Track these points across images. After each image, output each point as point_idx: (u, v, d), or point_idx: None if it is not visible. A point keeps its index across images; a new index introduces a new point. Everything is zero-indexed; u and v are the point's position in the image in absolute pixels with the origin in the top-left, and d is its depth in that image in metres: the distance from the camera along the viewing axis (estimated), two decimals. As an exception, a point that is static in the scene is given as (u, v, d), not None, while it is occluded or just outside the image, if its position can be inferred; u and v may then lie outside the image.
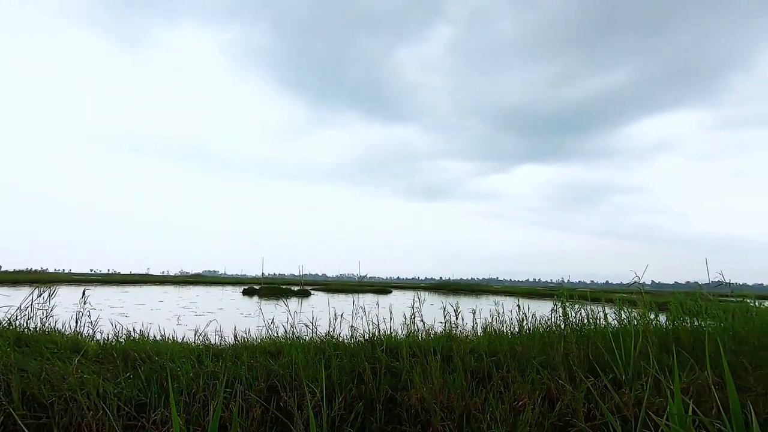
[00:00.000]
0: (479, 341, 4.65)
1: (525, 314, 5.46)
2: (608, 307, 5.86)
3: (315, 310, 5.86)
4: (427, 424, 2.89)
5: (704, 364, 3.77)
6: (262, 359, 3.87)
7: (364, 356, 3.93)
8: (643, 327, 4.83)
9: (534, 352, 3.99)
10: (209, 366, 3.66)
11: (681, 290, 8.65)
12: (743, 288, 15.25)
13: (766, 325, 5.08)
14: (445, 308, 5.45)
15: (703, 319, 5.52)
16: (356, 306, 5.71)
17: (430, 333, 5.11)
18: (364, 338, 4.87)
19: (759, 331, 4.74)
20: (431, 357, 3.57)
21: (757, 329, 4.80)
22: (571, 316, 5.23)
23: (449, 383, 3.14)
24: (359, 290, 38.41)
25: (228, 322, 6.14)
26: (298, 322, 5.18)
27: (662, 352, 4.15)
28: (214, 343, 5.00)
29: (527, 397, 2.88)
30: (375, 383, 3.37)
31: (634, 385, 2.89)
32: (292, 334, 4.85)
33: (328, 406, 3.05)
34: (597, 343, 4.13)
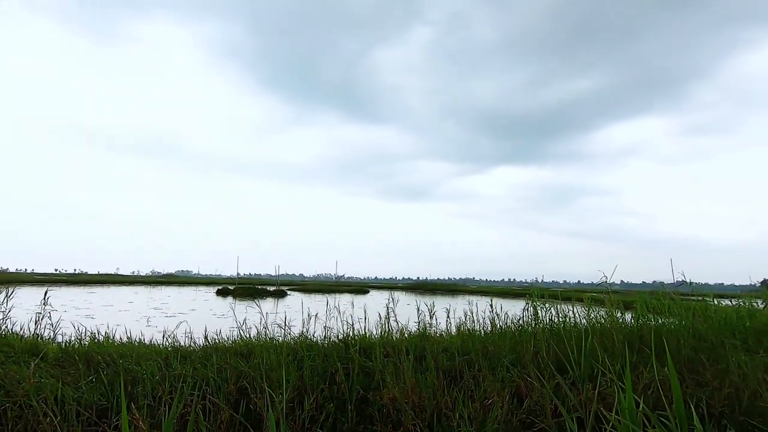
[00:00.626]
0: (452, 340, 4.70)
1: (497, 314, 5.55)
2: (578, 306, 6.02)
3: (290, 311, 5.79)
4: (398, 424, 2.90)
5: (665, 360, 3.92)
6: (232, 361, 3.79)
7: (338, 356, 3.91)
8: (609, 325, 4.99)
9: (505, 351, 4.06)
10: (177, 368, 3.56)
11: (646, 290, 8.98)
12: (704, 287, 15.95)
13: (723, 322, 5.32)
14: (419, 308, 5.48)
15: (665, 318, 5.74)
16: (331, 306, 5.67)
17: (404, 333, 5.13)
18: (338, 338, 4.85)
19: (716, 328, 4.97)
20: (404, 357, 3.58)
21: (714, 327, 5.03)
22: (541, 316, 5.35)
23: (421, 382, 3.15)
24: (336, 290, 38.24)
25: (199, 324, 6.00)
26: (271, 322, 5.11)
27: (627, 349, 4.29)
28: (183, 344, 4.87)
29: (497, 395, 2.92)
30: (347, 384, 3.36)
31: (597, 382, 2.98)
32: (265, 335, 4.78)
33: (299, 407, 3.02)
34: (566, 341, 4.23)
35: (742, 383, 3.11)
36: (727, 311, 5.95)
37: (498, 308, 5.86)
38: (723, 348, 4.13)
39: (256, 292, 29.96)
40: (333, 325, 5.29)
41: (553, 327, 4.99)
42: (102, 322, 6.41)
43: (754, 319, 5.54)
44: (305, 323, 5.11)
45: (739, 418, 2.74)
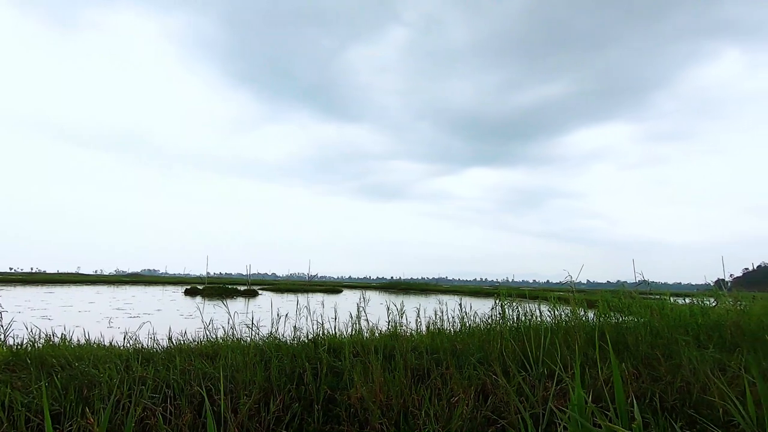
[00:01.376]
0: (422, 339, 4.74)
1: (466, 312, 5.64)
2: (545, 305, 6.19)
3: (261, 311, 5.71)
4: (365, 423, 2.89)
5: (624, 356, 4.08)
6: (197, 362, 3.69)
7: (306, 356, 3.87)
8: (573, 323, 5.16)
9: (473, 349, 4.12)
10: (138, 371, 3.44)
11: (610, 289, 9.33)
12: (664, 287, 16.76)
13: (677, 320, 5.60)
14: (389, 307, 5.50)
15: (626, 315, 5.99)
16: (301, 306, 5.61)
17: (375, 332, 5.14)
18: (307, 338, 4.80)
19: (671, 325, 5.21)
20: (373, 356, 3.59)
21: (670, 324, 5.28)
22: (508, 314, 5.47)
23: (389, 381, 3.16)
24: (309, 290, 37.87)
25: (165, 324, 5.82)
26: (240, 322, 5.00)
27: (588, 346, 4.44)
28: (146, 346, 4.71)
29: (463, 393, 2.96)
30: (315, 384, 3.33)
31: (555, 379, 3.06)
32: (232, 336, 4.68)
33: (264, 409, 2.97)
34: (526, 339, 4.35)
35: (693, 378, 3.28)
36: (681, 309, 6.26)
37: (468, 307, 5.96)
38: (677, 344, 4.33)
39: (226, 291, 29.28)
40: (303, 324, 5.24)
41: (520, 325, 5.11)
42: (59, 324, 6.11)
43: (706, 317, 5.85)
44: (274, 323, 5.03)
45: (689, 410, 2.88)
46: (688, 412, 2.89)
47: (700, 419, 2.74)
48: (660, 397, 3.05)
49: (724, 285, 11.72)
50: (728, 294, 7.70)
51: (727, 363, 3.61)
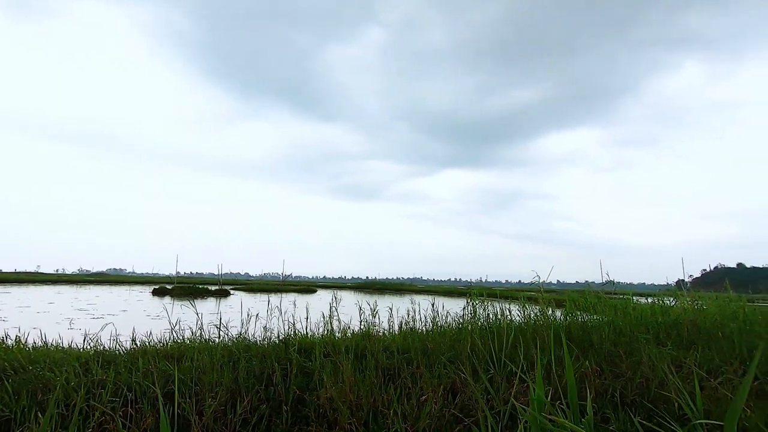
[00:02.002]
0: (394, 339, 4.75)
1: (438, 312, 5.69)
2: (515, 304, 6.32)
3: (232, 311, 5.58)
4: (334, 423, 2.87)
5: (589, 354, 4.22)
6: (161, 364, 3.58)
7: (276, 357, 3.82)
8: (541, 322, 5.28)
9: (444, 348, 4.16)
10: (98, 373, 3.30)
11: (577, 289, 9.63)
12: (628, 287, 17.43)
13: (639, 318, 5.82)
14: (361, 307, 5.49)
15: (591, 314, 6.18)
16: (272, 306, 5.52)
17: (347, 332, 5.11)
18: (278, 339, 4.73)
19: (634, 324, 5.42)
20: (344, 356, 3.57)
21: (632, 322, 5.49)
22: (479, 313, 5.55)
23: (359, 381, 3.15)
24: (283, 290, 37.36)
25: (130, 325, 5.61)
26: (208, 323, 4.88)
27: (556, 345, 4.56)
28: (108, 348, 4.53)
29: (432, 392, 2.98)
30: (284, 384, 3.29)
31: (518, 377, 3.13)
32: (200, 337, 4.56)
33: (231, 411, 2.91)
34: (502, 337, 4.43)
35: (652, 373, 3.41)
36: (643, 308, 6.51)
37: (441, 307, 6.01)
38: (638, 342, 4.50)
39: (197, 291, 28.53)
40: (274, 325, 5.16)
41: (490, 324, 5.20)
42: (14, 325, 5.80)
43: (666, 315, 6.11)
44: (244, 323, 4.94)
45: (647, 405, 2.99)
46: (646, 406, 3.01)
47: (656, 413, 2.85)
48: (621, 393, 3.17)
49: (684, 285, 12.28)
50: (686, 294, 8.07)
51: (683, 359, 3.78)
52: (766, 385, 3.18)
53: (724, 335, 4.82)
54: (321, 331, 5.19)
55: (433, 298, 6.38)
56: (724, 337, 4.74)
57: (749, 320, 6.01)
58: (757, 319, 6.14)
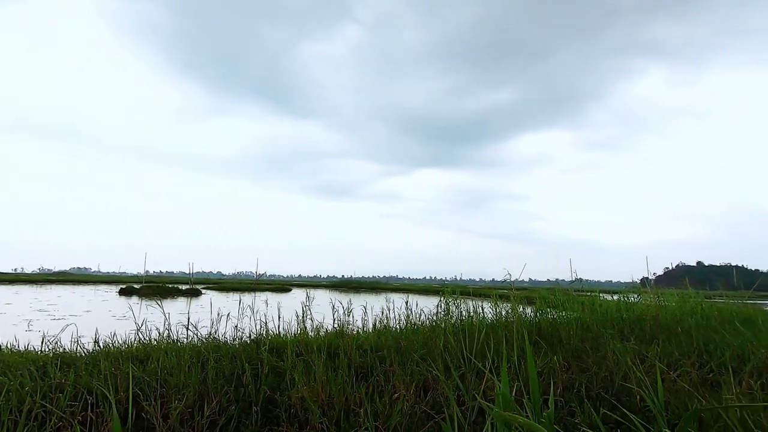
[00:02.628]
0: (367, 337, 4.74)
1: (412, 310, 5.72)
2: (488, 302, 6.43)
3: (203, 311, 5.42)
4: (305, 423, 2.84)
5: (557, 349, 4.33)
6: (125, 366, 3.45)
7: (247, 357, 3.74)
8: (512, 319, 5.39)
9: (417, 346, 4.18)
10: (56, 377, 3.15)
11: (548, 287, 9.88)
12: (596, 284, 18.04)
13: (605, 315, 6.02)
14: (334, 306, 5.45)
15: (560, 311, 6.35)
16: (244, 305, 5.42)
17: (320, 331, 5.07)
18: (249, 338, 4.65)
19: (600, 320, 5.61)
20: (316, 355, 3.53)
21: (599, 318, 5.67)
22: (452, 311, 5.61)
23: (331, 380, 3.13)
24: (257, 289, 36.76)
25: (93, 326, 5.39)
26: (177, 323, 4.74)
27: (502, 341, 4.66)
28: (69, 350, 4.33)
29: (404, 389, 2.99)
30: (255, 385, 3.22)
31: (486, 374, 3.19)
32: (167, 337, 4.41)
33: (198, 412, 2.83)
34: (473, 334, 4.49)
35: (616, 367, 3.54)
36: (609, 305, 6.75)
37: (415, 305, 6.04)
38: (603, 337, 4.66)
39: (166, 291, 27.70)
40: (246, 324, 5.06)
41: (463, 322, 5.27)
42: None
43: (630, 311, 6.35)
44: (215, 323, 4.82)
45: (611, 398, 3.10)
46: (611, 399, 3.11)
47: (619, 405, 2.96)
48: (586, 387, 3.26)
49: (648, 283, 12.80)
50: (650, 291, 8.41)
51: (645, 353, 3.93)
52: (719, 376, 3.35)
53: (683, 330, 5.05)
54: (294, 331, 5.13)
55: (407, 296, 6.41)
56: (683, 332, 4.97)
57: (706, 315, 6.32)
58: (713, 315, 6.47)
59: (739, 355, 4.00)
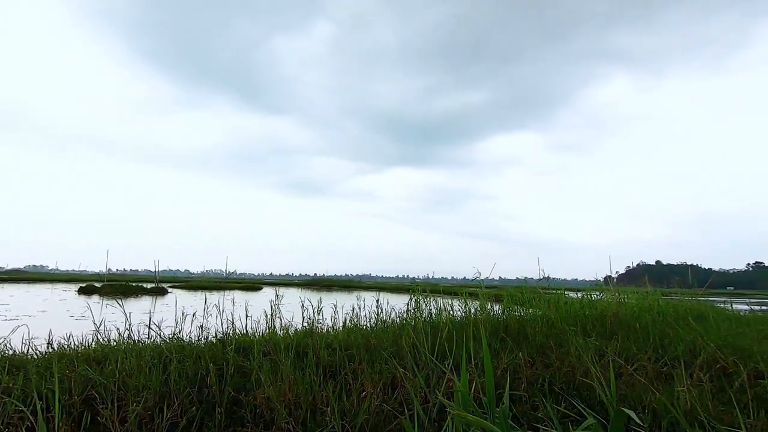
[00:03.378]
0: (337, 336, 4.71)
1: (382, 308, 5.73)
2: (458, 299, 6.52)
3: (169, 310, 5.23)
4: (271, 423, 2.80)
5: (523, 346, 4.44)
6: (81, 368, 3.29)
7: (212, 357, 3.64)
8: (481, 316, 5.48)
9: (386, 344, 4.19)
10: (3, 380, 2.98)
11: (516, 285, 10.12)
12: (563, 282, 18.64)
13: (569, 312, 6.22)
14: (304, 304, 5.40)
15: (527, 309, 6.52)
16: (210, 304, 5.28)
17: (289, 330, 5.01)
18: (215, 338, 4.53)
19: (564, 317, 5.78)
20: (284, 354, 3.48)
21: (563, 316, 5.85)
22: (422, 309, 5.66)
23: (299, 380, 3.09)
24: (226, 287, 35.93)
25: (48, 327, 5.12)
26: (139, 322, 4.56)
27: (493, 338, 4.76)
28: (19, 352, 4.10)
29: (372, 387, 2.99)
30: (219, 386, 3.14)
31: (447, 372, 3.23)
32: (127, 337, 4.25)
33: (158, 415, 2.74)
34: (443, 331, 4.54)
35: (577, 363, 3.65)
36: (573, 302, 6.97)
37: (387, 303, 6.06)
38: (567, 334, 4.81)
39: (130, 290, 26.66)
40: (212, 324, 4.93)
41: (432, 319, 5.32)
42: None
43: (593, 309, 6.58)
44: (179, 323, 4.67)
45: (573, 392, 3.20)
46: (572, 393, 3.21)
47: (580, 399, 3.06)
48: (549, 382, 3.36)
49: (611, 281, 13.30)
50: (612, 289, 8.75)
51: (605, 349, 4.08)
52: (672, 370, 3.52)
53: (641, 326, 5.28)
54: (262, 330, 5.04)
55: (378, 294, 6.41)
56: (641, 328, 5.19)
57: (662, 312, 6.63)
58: (669, 311, 6.79)
59: (691, 349, 4.22)
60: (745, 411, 2.77)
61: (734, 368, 3.53)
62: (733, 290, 67.34)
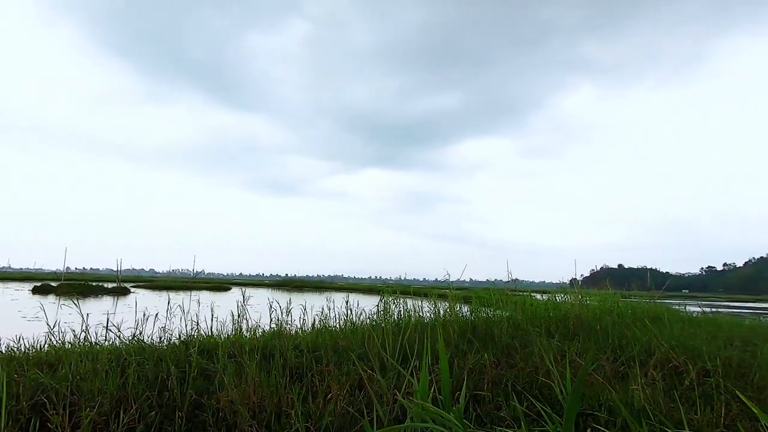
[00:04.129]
0: (305, 337, 4.67)
1: (352, 309, 5.71)
2: (428, 301, 6.58)
3: (130, 311, 5.02)
4: (233, 427, 2.74)
5: (489, 347, 4.53)
6: (31, 372, 3.12)
7: (174, 359, 3.54)
8: (450, 317, 5.56)
9: (355, 345, 4.18)
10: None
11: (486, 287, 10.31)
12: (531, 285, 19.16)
13: (535, 313, 6.39)
14: (272, 305, 5.32)
15: (494, 310, 6.66)
16: (175, 304, 5.12)
17: (257, 331, 4.92)
18: (179, 339, 4.40)
19: (530, 318, 5.94)
20: (248, 356, 3.42)
21: (529, 317, 6.01)
22: (391, 310, 5.68)
23: (264, 382, 3.04)
24: (193, 287, 34.90)
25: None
26: (97, 323, 4.37)
27: (461, 339, 4.83)
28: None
29: (339, 389, 2.98)
30: (181, 389, 3.05)
31: (409, 371, 3.27)
32: (84, 339, 4.06)
33: (114, 421, 2.63)
34: (412, 332, 4.57)
35: (540, 363, 3.76)
36: (539, 304, 7.17)
37: (358, 305, 6.04)
38: (531, 335, 4.94)
39: (89, 289, 25.46)
40: (176, 325, 4.79)
41: (401, 321, 5.35)
42: None
43: (557, 310, 6.79)
44: (140, 324, 4.51)
45: (535, 392, 3.29)
46: (534, 392, 3.30)
47: (541, 398, 3.15)
48: (513, 382, 3.44)
49: (576, 283, 13.76)
50: (575, 291, 9.05)
51: (567, 349, 4.22)
52: (629, 369, 3.68)
53: (601, 327, 5.48)
54: (228, 331, 4.93)
55: (347, 295, 6.39)
56: (601, 329, 5.39)
57: (621, 314, 6.92)
58: (627, 313, 7.09)
59: (647, 349, 4.42)
60: (693, 408, 2.93)
61: (685, 367, 3.73)
62: (688, 293, 70.98)
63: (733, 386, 3.48)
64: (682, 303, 10.12)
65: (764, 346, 4.65)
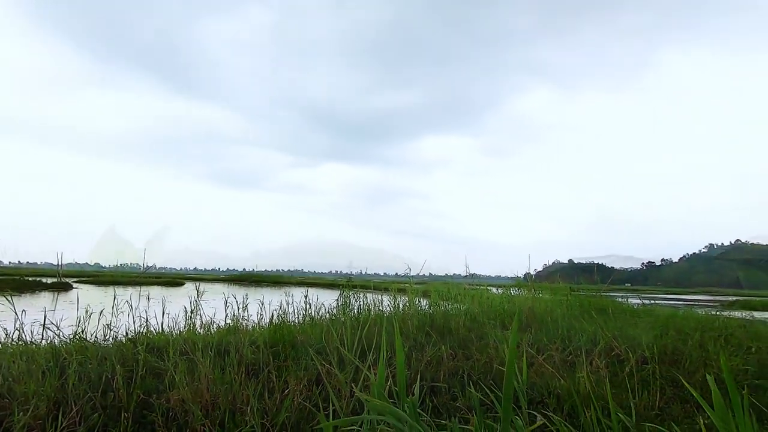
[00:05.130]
0: (262, 333, 4.56)
1: (311, 304, 5.65)
2: (388, 295, 6.62)
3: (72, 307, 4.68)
4: (184, 426, 2.64)
5: (447, 339, 4.63)
6: (-45, 375, 2.86)
7: (119, 358, 3.35)
8: (409, 311, 5.63)
9: (313, 340, 4.14)
10: None
11: (444, 280, 10.53)
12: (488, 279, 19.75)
13: (490, 306, 6.61)
14: (227, 300, 5.16)
15: (452, 303, 6.81)
16: (122, 300, 4.84)
17: (211, 327, 4.76)
18: (126, 337, 4.17)
19: (486, 311, 6.13)
20: (201, 353, 3.30)
21: (485, 310, 6.20)
22: (351, 304, 5.67)
23: (218, 379, 2.95)
24: (143, 283, 33.18)
25: None
26: (33, 321, 4.05)
27: (419, 332, 4.90)
28: None
29: (296, 384, 2.94)
30: (127, 389, 2.90)
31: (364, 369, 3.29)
32: (17, 339, 3.76)
33: (52, 424, 2.46)
34: (371, 327, 4.59)
35: (495, 354, 3.89)
36: (494, 297, 7.42)
37: (317, 299, 5.97)
38: (487, 327, 5.10)
39: (25, 284, 23.58)
40: (123, 322, 4.53)
41: (360, 315, 5.35)
42: None
43: (511, 303, 7.05)
44: (82, 321, 4.23)
45: (490, 382, 3.40)
46: (489, 383, 3.41)
47: (496, 388, 3.26)
48: (469, 373, 3.54)
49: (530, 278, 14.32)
50: (529, 285, 9.43)
51: (520, 341, 4.39)
52: (576, 358, 3.88)
53: (552, 319, 5.75)
54: (181, 328, 4.73)
55: (306, 290, 6.31)
56: (552, 321, 5.65)
57: (571, 306, 7.28)
58: (576, 305, 7.47)
59: (592, 339, 4.68)
60: (633, 393, 3.15)
61: (626, 355, 3.98)
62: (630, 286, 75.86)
63: (668, 372, 3.77)
64: (625, 296, 10.79)
65: (695, 335, 5.06)
